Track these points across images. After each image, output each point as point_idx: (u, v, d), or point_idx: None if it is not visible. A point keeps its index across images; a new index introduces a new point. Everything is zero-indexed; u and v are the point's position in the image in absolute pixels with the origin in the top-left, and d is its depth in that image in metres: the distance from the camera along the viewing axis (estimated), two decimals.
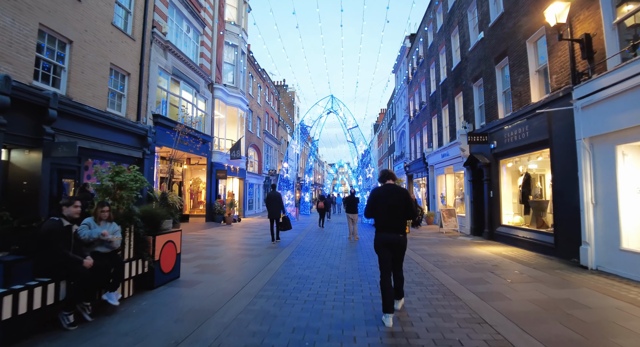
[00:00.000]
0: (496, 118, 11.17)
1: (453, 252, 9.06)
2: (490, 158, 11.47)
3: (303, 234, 13.31)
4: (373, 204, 4.37)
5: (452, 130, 15.35)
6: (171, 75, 14.25)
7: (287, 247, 9.87)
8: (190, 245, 9.98)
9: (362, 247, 10.03)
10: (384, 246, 4.24)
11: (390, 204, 4.26)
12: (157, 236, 5.48)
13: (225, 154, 18.37)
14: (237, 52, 20.25)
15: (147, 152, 12.09)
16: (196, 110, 16.54)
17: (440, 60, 17.30)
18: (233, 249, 9.53)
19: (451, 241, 11.44)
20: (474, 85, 13.02)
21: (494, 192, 11.36)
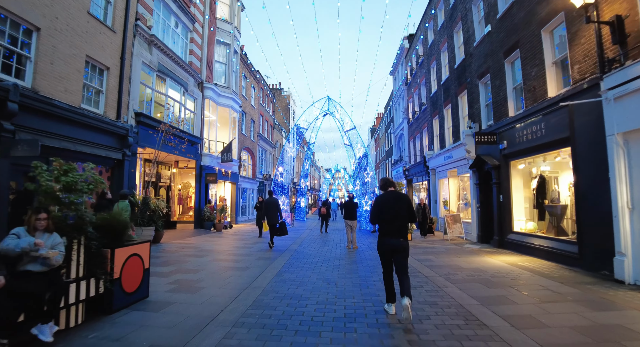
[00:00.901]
0: (506, 116, 10.34)
1: (463, 263, 8.14)
2: (500, 159, 10.62)
3: (298, 241, 12.34)
4: (378, 211, 4.55)
5: (455, 131, 14.53)
6: (156, 72, 13.33)
7: (280, 257, 8.91)
8: (171, 255, 8.99)
9: (363, 257, 9.09)
10: (388, 250, 4.45)
11: (393, 210, 4.46)
12: (117, 248, 4.50)
13: (216, 157, 17.41)
14: (229, 50, 19.40)
15: (127, 154, 11.12)
16: (184, 110, 15.60)
17: (442, 59, 16.54)
18: (219, 260, 8.54)
19: (458, 249, 10.53)
20: (479, 82, 12.22)
21: (504, 197, 10.49)
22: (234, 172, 20.38)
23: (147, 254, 5.16)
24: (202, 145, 16.98)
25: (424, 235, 13.81)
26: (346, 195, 15.21)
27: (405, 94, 25.00)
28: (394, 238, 4.39)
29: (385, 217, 4.47)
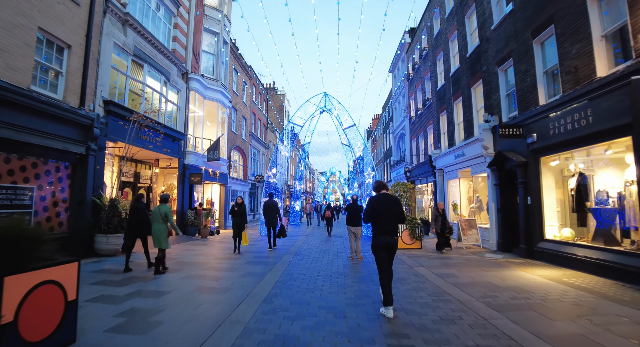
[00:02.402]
0: (535, 105, 8.90)
1: (496, 279, 6.61)
2: (527, 155, 9.16)
3: (292, 251, 10.73)
4: (372, 211, 4.84)
5: (467, 127, 13.08)
6: (132, 57, 11.69)
7: (271, 272, 7.30)
8: (137, 270, 7.34)
9: (371, 272, 7.52)
10: (383, 248, 4.75)
11: (387, 211, 4.79)
12: (10, 275, 2.88)
13: (201, 156, 15.76)
14: (218, 39, 17.82)
15: (93, 148, 9.45)
16: (166, 102, 13.96)
17: (450, 49, 15.14)
18: (195, 276, 6.91)
19: (479, 260, 9.02)
20: (499, 69, 10.79)
21: (533, 198, 9.02)
22: (222, 173, 18.73)
23: (74, 279, 3.53)
24: (186, 142, 15.32)
25: (441, 249, 10.31)
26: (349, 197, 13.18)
27: (406, 91, 23.61)
28: (388, 236, 4.76)
29: (379, 218, 4.80)
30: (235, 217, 10.11)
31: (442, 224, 10.44)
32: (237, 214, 10.12)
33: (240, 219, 10.08)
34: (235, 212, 10.15)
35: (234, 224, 10.13)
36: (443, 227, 10.45)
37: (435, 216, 10.81)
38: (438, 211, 10.85)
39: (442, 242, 10.40)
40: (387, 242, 4.74)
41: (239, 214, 10.11)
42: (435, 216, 10.89)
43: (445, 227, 10.52)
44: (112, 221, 9.30)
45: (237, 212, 10.12)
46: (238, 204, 10.21)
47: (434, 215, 10.78)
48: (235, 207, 10.19)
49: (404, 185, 11.88)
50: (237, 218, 10.08)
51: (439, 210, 10.85)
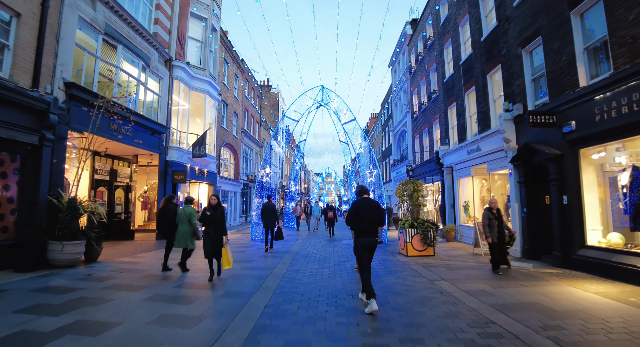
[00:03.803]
0: (572, 88, 7.55)
1: (544, 299, 5.22)
2: (563, 147, 7.81)
3: (287, 259, 9.27)
4: (356, 215, 5.13)
5: (482, 119, 11.73)
6: (103, 35, 10.18)
7: (260, 290, 5.83)
8: (89, 288, 5.81)
9: (386, 288, 6.09)
10: (364, 248, 5.04)
11: (369, 214, 5.11)
12: None
13: (186, 152, 14.25)
14: (207, 26, 16.34)
15: (48, 137, 7.92)
16: (145, 91, 12.44)
17: (461, 34, 13.81)
18: (160, 298, 5.41)
19: (506, 270, 7.62)
20: (523, 51, 9.45)
21: (570, 198, 7.65)
22: (211, 172, 17.21)
23: None
24: (169, 136, 13.81)
25: (498, 268, 7.37)
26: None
27: (408, 85, 22.28)
28: (369, 237, 5.08)
29: (362, 220, 5.08)
30: (209, 226, 6.62)
31: (499, 231, 7.45)
32: (211, 221, 6.62)
33: (217, 230, 6.63)
34: (209, 219, 6.60)
35: (207, 237, 6.60)
36: (501, 236, 7.49)
37: (488, 219, 7.48)
38: (491, 211, 7.57)
39: (499, 257, 7.45)
40: (369, 243, 5.07)
41: (215, 222, 6.64)
42: (487, 218, 7.49)
43: (504, 235, 7.59)
44: (71, 225, 7.76)
45: (212, 220, 6.62)
46: (212, 207, 6.75)
47: (485, 218, 7.49)
48: (208, 212, 6.63)
49: (414, 183, 10.47)
50: (212, 228, 6.62)
51: (493, 210, 7.61)
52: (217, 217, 6.68)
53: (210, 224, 6.65)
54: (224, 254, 6.60)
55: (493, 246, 7.47)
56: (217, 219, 6.68)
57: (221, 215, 6.79)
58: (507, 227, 7.85)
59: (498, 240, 7.46)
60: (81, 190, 11.47)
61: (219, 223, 6.71)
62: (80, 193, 11.03)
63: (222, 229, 6.72)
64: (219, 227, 6.69)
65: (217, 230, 6.64)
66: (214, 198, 6.89)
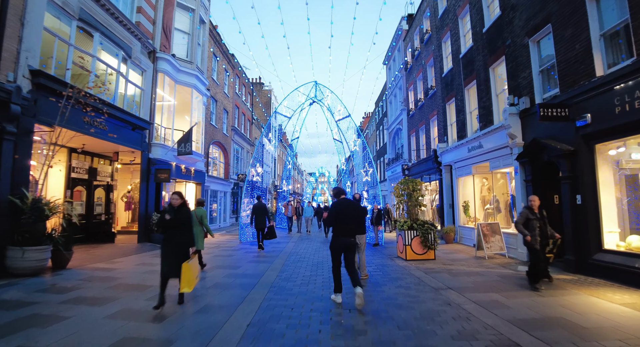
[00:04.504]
0: (587, 79, 6.95)
1: (568, 313, 4.59)
2: (576, 142, 7.21)
3: (277, 265, 8.55)
4: (335, 216, 5.24)
5: (485, 114, 11.13)
6: (77, 21, 9.34)
7: (243, 304, 5.11)
8: (46, 302, 5.03)
9: (387, 299, 5.41)
10: (341, 248, 5.23)
11: (347, 214, 5.28)
12: None
13: (171, 149, 13.43)
14: (194, 17, 15.52)
15: (9, 130, 7.09)
16: (126, 83, 11.61)
17: (460, 27, 13.21)
18: (127, 314, 4.66)
19: (516, 276, 7.02)
20: (530, 41, 8.86)
21: (585, 197, 7.06)
22: (199, 170, 16.39)
23: None
24: (152, 132, 12.97)
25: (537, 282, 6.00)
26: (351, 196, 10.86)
27: (403, 82, 21.68)
28: (347, 237, 5.20)
29: (340, 221, 5.22)
30: (169, 235, 4.94)
31: (541, 236, 6.12)
32: (172, 228, 4.93)
33: (180, 239, 4.93)
34: (169, 224, 4.90)
35: (166, 249, 4.90)
36: (544, 242, 6.18)
37: (526, 218, 6.19)
38: (531, 210, 6.23)
39: (542, 266, 6.08)
40: (346, 243, 5.20)
41: (178, 229, 4.95)
42: (524, 217, 6.21)
43: (547, 240, 6.30)
44: (35, 229, 6.95)
45: (173, 225, 4.92)
46: (174, 209, 4.99)
47: (522, 217, 6.23)
48: (167, 215, 4.92)
49: (413, 182, 9.82)
50: (173, 237, 4.92)
51: (534, 209, 6.24)
52: (180, 221, 4.94)
53: (170, 232, 4.93)
54: (185, 272, 4.66)
55: (535, 254, 6.05)
56: (180, 225, 4.94)
57: (186, 219, 5.04)
58: (552, 231, 6.40)
59: (540, 246, 6.09)
60: (56, 189, 10.68)
61: (183, 230, 4.99)
62: (54, 193, 10.24)
63: (188, 238, 4.99)
64: (183, 235, 4.96)
65: (179, 239, 4.91)
66: (175, 197, 5.06)
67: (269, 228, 11.18)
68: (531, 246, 6.11)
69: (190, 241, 5.05)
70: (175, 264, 4.73)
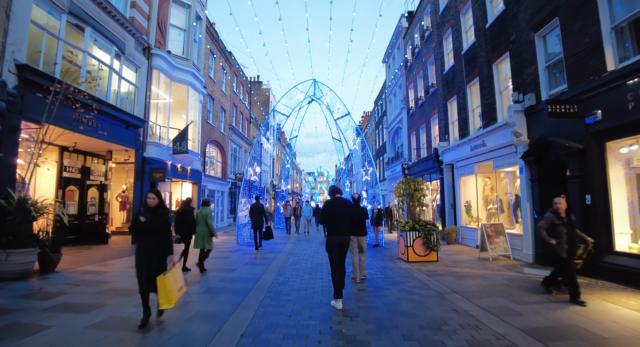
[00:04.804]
0: (597, 73, 6.67)
1: (583, 320, 4.31)
2: (586, 140, 6.94)
3: (273, 269, 8.25)
4: (329, 214, 5.25)
5: (488, 112, 10.85)
6: (67, 15, 9.02)
7: (238, 310, 4.80)
8: (28, 308, 4.72)
9: (390, 305, 5.11)
10: (336, 246, 5.10)
11: (341, 213, 5.23)
12: None
13: (167, 148, 13.12)
14: (190, 12, 15.19)
15: None
16: (119, 80, 11.29)
17: (462, 23, 12.93)
18: (111, 323, 4.36)
19: (522, 279, 6.74)
20: (535, 35, 8.57)
21: (595, 197, 6.78)
22: (195, 170, 16.07)
23: None
24: (147, 130, 12.65)
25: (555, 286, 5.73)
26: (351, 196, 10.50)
27: (403, 80, 21.40)
28: (341, 236, 5.15)
29: (335, 219, 5.19)
30: (144, 241, 4.20)
31: (569, 242, 5.39)
32: (148, 233, 4.18)
33: (156, 246, 4.21)
34: (144, 228, 4.16)
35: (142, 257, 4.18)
36: (572, 249, 5.45)
37: (550, 223, 5.47)
38: (557, 215, 5.48)
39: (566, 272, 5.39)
40: (341, 241, 5.13)
41: (154, 234, 4.20)
42: (548, 223, 5.49)
43: (576, 247, 5.53)
44: (21, 230, 6.63)
45: (149, 230, 4.17)
46: (150, 210, 4.23)
47: (547, 223, 5.50)
48: (142, 218, 4.13)
49: (415, 182, 9.53)
50: (149, 243, 4.18)
51: (560, 213, 5.50)
52: (157, 225, 4.19)
53: (146, 237, 4.17)
54: (163, 285, 4.00)
55: (563, 262, 5.38)
56: (156, 229, 4.20)
57: (163, 222, 4.26)
58: (581, 236, 5.60)
59: (568, 254, 5.35)
60: (47, 189, 10.35)
61: (160, 236, 4.24)
62: (46, 193, 9.91)
63: (166, 244, 4.27)
64: (160, 242, 4.22)
65: (155, 246, 4.19)
66: (152, 197, 4.25)
67: (267, 228, 11.30)
68: (557, 254, 5.41)
69: (167, 248, 4.30)
70: (151, 276, 4.07)
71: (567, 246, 5.38)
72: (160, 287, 4.01)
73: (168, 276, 4.10)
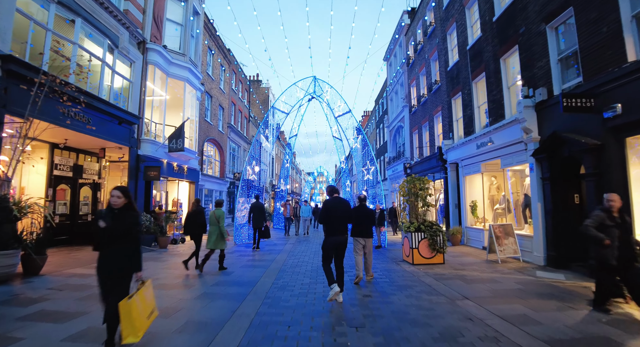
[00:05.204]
0: (616, 65, 6.28)
1: (613, 331, 3.93)
2: (603, 136, 6.54)
3: (271, 272, 7.85)
4: (327, 214, 5.31)
5: (495, 108, 10.46)
6: (56, 4, 8.60)
7: (233, 318, 4.39)
8: (1, 317, 4.30)
9: (398, 313, 4.71)
10: (333, 246, 5.25)
11: (340, 212, 5.31)
12: None
13: (162, 146, 12.70)
14: (188, 7, 14.78)
15: None
16: (113, 74, 10.87)
17: (467, 17, 12.54)
18: (91, 334, 3.93)
19: (536, 282, 6.34)
20: (547, 27, 8.18)
21: None
22: (192, 168, 15.65)
23: None
24: (142, 127, 12.23)
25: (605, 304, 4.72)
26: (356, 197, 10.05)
27: (405, 77, 21.00)
28: (339, 235, 5.24)
29: (332, 219, 5.25)
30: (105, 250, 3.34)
31: (622, 247, 4.61)
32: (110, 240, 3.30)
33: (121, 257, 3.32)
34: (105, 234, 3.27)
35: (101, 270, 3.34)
36: (627, 254, 4.65)
37: (600, 223, 4.67)
38: (609, 214, 4.71)
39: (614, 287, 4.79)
40: (338, 241, 5.23)
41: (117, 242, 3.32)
42: (598, 221, 4.69)
43: (633, 253, 4.73)
44: (2, 231, 6.21)
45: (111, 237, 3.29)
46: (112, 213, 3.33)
47: (596, 221, 4.68)
48: (102, 223, 3.26)
49: (420, 181, 9.13)
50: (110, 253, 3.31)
51: (613, 211, 4.73)
52: (122, 232, 3.30)
53: (107, 245, 3.30)
54: (127, 312, 3.11)
55: (610, 270, 4.63)
56: (120, 236, 3.30)
57: (131, 229, 3.36)
58: (637, 241, 4.95)
59: (618, 260, 4.56)
60: (36, 188, 9.92)
61: (126, 245, 3.34)
62: (35, 191, 9.48)
63: (134, 258, 3.36)
64: (124, 253, 3.32)
65: (118, 261, 3.29)
66: (116, 195, 3.33)
67: (265, 227, 11.47)
68: (604, 260, 4.61)
69: (135, 264, 3.36)
70: (115, 293, 3.22)
71: (616, 251, 4.57)
72: (124, 314, 3.10)
73: (134, 300, 3.18)
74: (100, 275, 3.36)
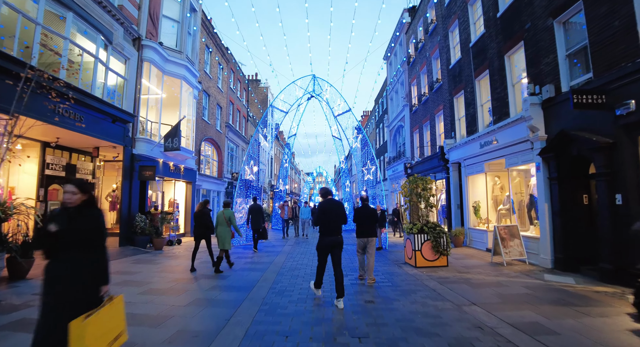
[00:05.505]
0: (631, 59, 6.01)
1: (634, 342, 3.63)
2: (615, 134, 6.27)
3: (271, 272, 7.55)
4: (322, 215, 5.31)
5: (498, 106, 10.19)
6: None
7: (227, 327, 4.10)
8: None
9: (401, 320, 4.42)
10: (328, 247, 5.22)
11: (334, 214, 5.29)
12: None
13: (158, 145, 12.40)
14: (185, 3, 14.48)
15: None
16: (106, 71, 10.57)
17: (470, 14, 12.27)
18: None
19: (544, 287, 6.06)
20: (555, 22, 7.91)
21: (626, 197, 6.11)
22: (189, 168, 15.35)
23: None
24: (136, 126, 11.93)
25: None
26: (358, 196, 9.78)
27: (406, 76, 20.73)
28: (333, 236, 5.22)
29: (327, 220, 5.25)
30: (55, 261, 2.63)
31: None
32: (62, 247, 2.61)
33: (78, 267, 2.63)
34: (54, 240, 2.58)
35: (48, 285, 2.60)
36: None
37: None
38: None
39: None
40: (332, 241, 5.20)
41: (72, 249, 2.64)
42: None
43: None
44: None
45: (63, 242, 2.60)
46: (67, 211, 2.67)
47: None
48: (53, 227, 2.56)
49: (423, 180, 8.84)
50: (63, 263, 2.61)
51: None
52: (77, 236, 2.64)
53: (58, 253, 2.64)
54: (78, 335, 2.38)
55: None
56: (76, 242, 2.65)
57: (91, 231, 2.72)
58: None
59: None
60: (27, 188, 9.61)
61: (87, 250, 2.69)
62: (26, 192, 9.18)
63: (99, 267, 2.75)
64: (83, 260, 2.66)
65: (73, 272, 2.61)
66: (70, 190, 2.68)
67: (262, 228, 11.55)
68: None
69: (101, 274, 2.75)
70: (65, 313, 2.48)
71: None
72: (75, 338, 2.36)
73: (92, 321, 2.46)
74: (46, 289, 2.59)
